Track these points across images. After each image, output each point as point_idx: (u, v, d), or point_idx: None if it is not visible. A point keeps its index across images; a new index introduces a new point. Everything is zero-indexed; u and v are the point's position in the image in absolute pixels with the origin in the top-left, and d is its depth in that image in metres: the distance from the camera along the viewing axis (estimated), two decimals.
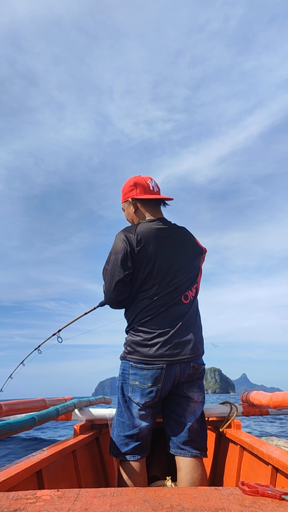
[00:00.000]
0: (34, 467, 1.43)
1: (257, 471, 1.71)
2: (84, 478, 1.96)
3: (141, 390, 1.79)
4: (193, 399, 1.85)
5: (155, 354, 1.77)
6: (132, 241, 1.85)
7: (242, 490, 0.89)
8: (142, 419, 1.81)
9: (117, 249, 1.87)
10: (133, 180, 2.04)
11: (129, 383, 1.82)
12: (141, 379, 1.79)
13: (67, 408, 1.90)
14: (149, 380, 1.78)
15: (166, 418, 1.90)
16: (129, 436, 1.80)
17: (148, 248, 1.85)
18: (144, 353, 1.79)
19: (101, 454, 2.34)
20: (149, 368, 1.78)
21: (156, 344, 1.78)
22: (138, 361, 1.80)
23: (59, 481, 1.69)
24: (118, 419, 1.86)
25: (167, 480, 1.96)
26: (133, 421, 1.81)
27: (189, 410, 1.84)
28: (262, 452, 1.61)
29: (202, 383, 1.91)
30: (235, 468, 1.93)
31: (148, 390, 1.78)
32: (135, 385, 1.80)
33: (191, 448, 1.82)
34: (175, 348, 1.79)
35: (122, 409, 1.84)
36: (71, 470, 1.88)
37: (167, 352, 1.77)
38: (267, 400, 1.94)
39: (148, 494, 0.87)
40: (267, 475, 1.58)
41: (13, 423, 1.26)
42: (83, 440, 2.02)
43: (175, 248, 1.91)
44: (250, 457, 1.81)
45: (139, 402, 1.79)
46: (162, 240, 1.89)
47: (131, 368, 1.82)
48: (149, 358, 1.78)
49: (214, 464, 2.26)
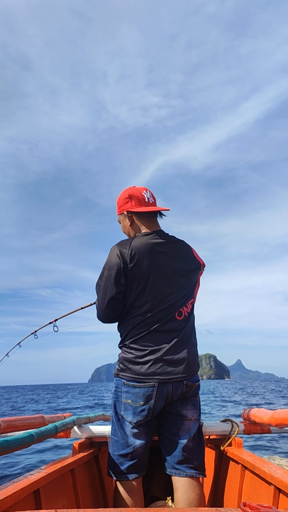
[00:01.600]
0: (32, 486, 1.40)
1: (259, 491, 1.68)
2: (82, 497, 1.92)
3: (133, 408, 1.76)
4: (187, 417, 1.81)
5: (146, 372, 1.74)
6: (126, 257, 1.81)
7: (243, 511, 0.87)
8: (136, 437, 1.77)
9: (110, 264, 1.83)
10: (128, 192, 1.99)
11: (122, 401, 1.79)
12: (133, 397, 1.76)
13: (66, 425, 1.88)
14: (141, 399, 1.74)
15: (161, 437, 1.87)
16: (123, 455, 1.77)
17: (142, 264, 1.81)
18: (136, 371, 1.76)
19: (100, 473, 2.30)
20: (140, 386, 1.74)
21: (148, 362, 1.75)
22: (130, 379, 1.77)
23: (57, 501, 1.66)
24: (112, 438, 1.83)
25: (167, 501, 1.92)
26: (127, 439, 1.77)
27: (183, 429, 1.80)
28: (264, 472, 1.58)
29: (197, 400, 1.87)
30: (236, 488, 1.89)
31: (140, 408, 1.75)
32: (127, 404, 1.77)
33: (186, 468, 1.78)
34: (167, 366, 1.75)
35: (116, 428, 1.81)
36: (69, 489, 1.84)
37: (159, 370, 1.74)
38: (268, 417, 1.92)
39: None
40: (269, 495, 1.54)
41: (11, 441, 1.25)
42: (82, 458, 1.99)
43: (171, 264, 1.87)
44: (252, 477, 1.77)
45: (131, 420, 1.76)
46: (158, 256, 1.85)
47: (124, 386, 1.79)
48: (141, 376, 1.74)
49: (215, 483, 2.22)
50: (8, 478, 4.96)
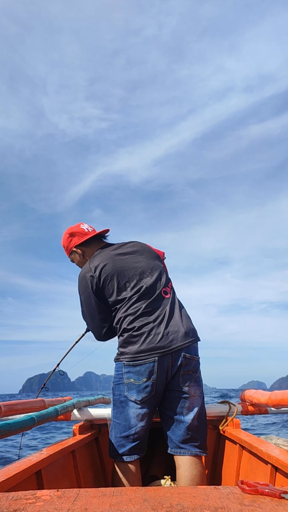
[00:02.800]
0: (34, 467, 1.43)
1: (256, 470, 1.71)
2: (83, 478, 1.96)
3: (137, 386, 1.80)
4: (190, 394, 1.84)
5: (146, 348, 1.80)
6: (91, 273, 1.97)
7: (241, 489, 0.89)
8: (138, 419, 1.81)
9: (82, 288, 2.00)
10: (67, 232, 2.18)
11: (124, 382, 1.83)
12: (135, 375, 1.80)
13: (66, 408, 1.90)
14: (143, 375, 1.79)
15: (164, 417, 1.90)
16: (125, 437, 1.81)
17: (107, 269, 1.95)
18: (135, 350, 1.81)
19: (101, 454, 2.34)
20: (141, 363, 1.80)
21: (146, 339, 1.81)
22: (130, 359, 1.82)
23: (58, 481, 1.69)
24: (114, 421, 1.87)
25: (166, 480, 1.96)
26: (129, 421, 1.81)
27: (187, 406, 1.84)
28: (262, 451, 1.61)
29: (199, 377, 1.91)
30: (234, 467, 1.93)
31: (144, 385, 1.79)
32: (130, 383, 1.82)
33: (190, 447, 1.82)
34: (165, 339, 1.81)
35: (118, 410, 1.85)
36: (70, 470, 1.88)
37: (158, 344, 1.80)
38: (266, 399, 1.95)
39: (148, 494, 0.87)
40: (266, 474, 1.58)
41: (12, 424, 1.26)
42: (82, 440, 2.02)
43: (131, 257, 2.03)
44: (249, 456, 1.81)
45: (136, 399, 1.80)
46: (116, 256, 2.01)
47: (124, 367, 1.84)
48: (141, 353, 1.80)
49: (214, 463, 2.26)
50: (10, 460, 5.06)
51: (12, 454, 5.46)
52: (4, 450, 5.74)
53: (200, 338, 1.95)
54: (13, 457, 5.21)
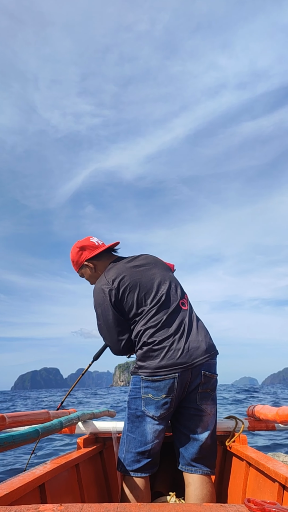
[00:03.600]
0: (37, 481, 1.41)
1: (263, 487, 1.68)
2: (87, 492, 1.93)
3: (155, 402, 1.76)
4: (206, 412, 1.82)
5: (166, 364, 1.75)
6: (109, 285, 1.92)
7: (248, 507, 0.87)
8: (155, 435, 1.77)
9: (99, 301, 1.94)
10: (77, 246, 2.12)
11: (142, 396, 1.79)
12: (154, 391, 1.76)
13: (71, 421, 1.89)
14: (163, 391, 1.75)
15: (177, 433, 1.87)
16: (141, 452, 1.77)
17: (125, 281, 1.91)
18: (155, 365, 1.76)
19: (105, 468, 2.31)
20: (161, 379, 1.75)
21: (167, 354, 1.76)
22: (150, 374, 1.77)
23: (62, 496, 1.67)
24: (129, 435, 1.82)
25: (171, 496, 1.93)
26: (146, 437, 1.77)
27: (202, 425, 1.81)
28: (269, 468, 1.58)
29: (215, 395, 1.89)
30: (240, 484, 1.90)
31: (163, 401, 1.75)
32: (148, 398, 1.77)
33: (202, 466, 1.79)
34: (185, 354, 1.77)
35: (134, 425, 1.81)
36: (74, 484, 1.85)
37: (178, 360, 1.75)
38: (273, 414, 1.92)
39: (153, 510, 0.86)
40: (273, 492, 1.54)
41: (16, 436, 1.26)
42: (86, 453, 2.00)
43: (146, 269, 1.99)
44: (256, 473, 1.77)
45: (154, 415, 1.76)
46: (132, 268, 1.98)
47: (142, 382, 1.79)
48: (161, 369, 1.75)
49: (220, 480, 2.22)
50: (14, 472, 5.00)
51: (21, 465, 5.41)
52: (13, 461, 5.69)
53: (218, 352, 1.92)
54: (22, 467, 5.16)
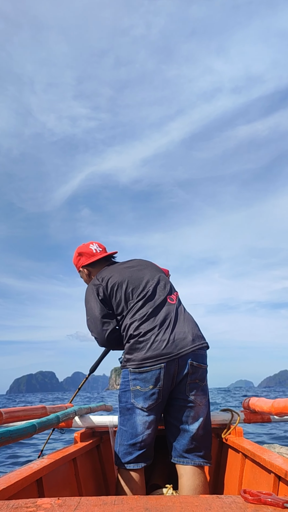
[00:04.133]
0: (34, 475, 1.42)
1: (259, 479, 1.69)
2: (84, 486, 1.95)
3: (143, 393, 1.79)
4: (196, 403, 1.83)
5: (152, 355, 1.79)
6: (98, 281, 2.04)
7: (244, 498, 0.88)
8: (145, 426, 1.80)
9: (87, 298, 2.04)
10: (77, 251, 2.27)
11: (130, 389, 1.82)
12: (141, 382, 1.79)
13: (67, 415, 1.89)
14: (150, 382, 1.78)
15: (168, 425, 1.89)
16: (132, 444, 1.80)
17: (113, 278, 2.02)
18: (141, 357, 1.80)
19: (102, 462, 2.32)
20: (147, 370, 1.79)
21: (152, 345, 1.80)
22: (136, 366, 1.81)
23: (59, 489, 1.68)
24: (121, 428, 1.86)
25: (168, 489, 1.94)
26: (136, 429, 1.80)
27: (192, 416, 1.82)
28: (265, 460, 1.60)
29: (206, 386, 1.90)
30: (237, 476, 1.92)
31: (150, 392, 1.78)
32: (136, 390, 1.81)
33: (194, 456, 1.81)
34: (171, 344, 1.80)
35: (125, 418, 1.84)
36: (71, 478, 1.86)
37: (163, 350, 1.79)
38: (269, 407, 1.93)
39: (150, 503, 0.87)
40: (269, 483, 1.56)
41: (13, 431, 1.26)
42: (83, 448, 2.01)
43: (137, 269, 2.09)
44: (252, 465, 1.79)
45: (142, 406, 1.79)
46: (123, 269, 2.09)
47: (131, 374, 1.83)
48: (147, 360, 1.79)
49: (216, 471, 2.24)
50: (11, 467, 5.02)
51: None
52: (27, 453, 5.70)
53: (209, 346, 1.93)
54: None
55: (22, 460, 5.45)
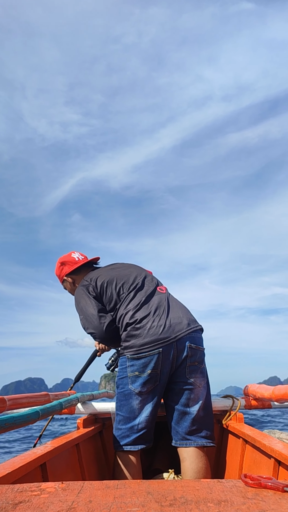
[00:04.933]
0: (39, 460, 1.44)
1: (259, 463, 1.72)
2: (87, 471, 1.98)
3: (141, 378, 1.81)
4: (195, 385, 1.85)
5: (150, 340, 1.81)
6: (86, 283, 2.08)
7: (244, 483, 0.90)
8: (142, 410, 1.83)
9: (78, 299, 2.07)
10: (59, 261, 2.29)
11: (128, 375, 1.85)
12: (140, 368, 1.82)
13: (70, 402, 1.91)
14: (148, 367, 1.81)
15: (169, 409, 1.91)
16: (129, 428, 1.83)
17: (102, 277, 2.07)
18: (139, 343, 1.82)
19: (105, 448, 2.36)
20: (146, 355, 1.81)
21: (150, 330, 1.83)
22: (135, 352, 1.83)
23: (63, 474, 1.70)
24: (118, 414, 1.89)
25: (170, 473, 1.98)
26: (134, 413, 1.83)
27: (192, 398, 1.85)
28: (265, 445, 1.62)
29: (205, 368, 1.93)
30: (237, 460, 1.94)
31: (148, 376, 1.81)
32: (134, 376, 1.83)
33: (196, 438, 1.83)
34: (168, 328, 1.83)
35: (121, 403, 1.87)
36: (75, 463, 1.89)
37: (161, 335, 1.81)
38: (269, 393, 1.95)
39: (152, 486, 0.88)
40: (269, 467, 1.58)
41: (16, 417, 1.27)
42: (86, 433, 2.03)
43: (123, 268, 2.16)
44: (252, 450, 1.81)
45: (140, 390, 1.82)
46: (108, 270, 2.15)
47: (128, 361, 1.85)
48: (145, 346, 1.81)
49: (217, 456, 2.27)
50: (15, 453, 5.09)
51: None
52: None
53: (203, 329, 1.98)
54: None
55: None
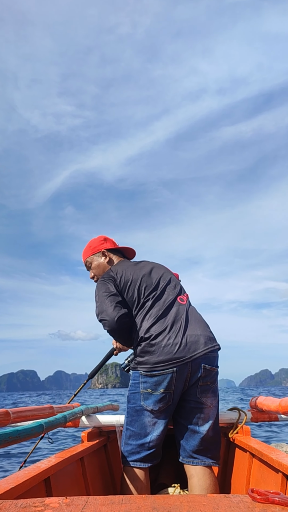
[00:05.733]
0: (42, 475, 1.43)
1: (267, 478, 1.69)
2: (92, 485, 1.95)
3: (154, 396, 1.78)
4: (206, 405, 1.83)
5: (164, 359, 1.77)
6: (111, 275, 2.03)
7: (252, 498, 0.88)
8: (154, 428, 1.80)
9: (101, 286, 2.00)
10: (103, 236, 2.28)
11: (140, 391, 1.81)
12: (153, 386, 1.78)
13: (74, 415, 1.90)
14: (161, 386, 1.77)
15: (178, 426, 1.88)
16: (140, 445, 1.80)
17: (127, 274, 2.01)
18: (153, 361, 1.78)
19: (109, 461, 2.33)
20: (159, 374, 1.77)
21: (164, 348, 1.78)
22: (148, 369, 1.79)
23: (67, 489, 1.68)
24: (129, 429, 1.85)
25: (175, 488, 1.94)
26: (145, 430, 1.80)
27: (203, 417, 1.82)
28: (272, 459, 1.59)
29: (217, 387, 1.90)
30: (244, 475, 1.91)
31: (161, 396, 1.77)
32: (146, 393, 1.80)
33: (204, 457, 1.81)
34: (183, 348, 1.78)
35: (133, 419, 1.83)
36: (79, 477, 1.87)
37: (175, 354, 1.77)
38: (276, 406, 1.92)
39: (157, 502, 0.87)
40: (277, 482, 1.56)
41: (21, 430, 1.26)
42: (91, 447, 2.01)
43: (150, 268, 2.10)
44: (259, 464, 1.78)
45: (152, 409, 1.78)
46: (136, 267, 2.09)
47: (141, 377, 1.82)
48: (159, 364, 1.77)
49: (223, 471, 2.24)
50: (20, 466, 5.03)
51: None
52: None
53: (220, 346, 1.91)
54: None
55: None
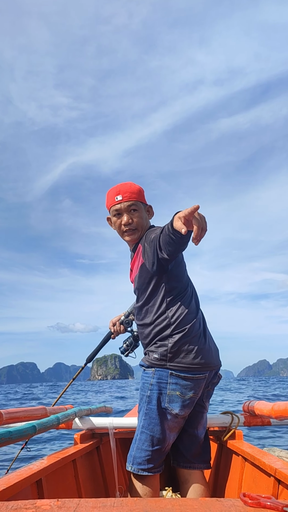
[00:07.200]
0: (34, 477, 1.42)
1: (259, 482, 1.69)
2: (84, 488, 1.94)
3: (182, 400, 1.68)
4: (205, 409, 1.84)
5: (200, 362, 1.69)
6: None
7: (243, 502, 0.88)
8: (174, 433, 1.74)
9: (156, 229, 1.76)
10: (139, 187, 1.93)
11: (167, 393, 1.69)
12: (183, 389, 1.68)
13: (67, 416, 1.89)
14: (192, 391, 1.69)
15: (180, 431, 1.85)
16: (157, 450, 1.70)
17: None
18: (189, 361, 1.67)
19: (102, 464, 2.32)
20: (193, 378, 1.68)
21: (201, 352, 1.70)
22: (183, 369, 1.67)
23: (59, 491, 1.68)
24: (145, 432, 1.71)
25: (167, 491, 1.94)
26: (165, 435, 1.70)
27: (201, 422, 1.83)
28: (264, 463, 1.59)
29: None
30: (236, 479, 1.91)
31: (189, 400, 1.70)
32: (174, 395, 1.68)
33: (200, 462, 1.82)
34: (213, 354, 1.77)
35: (153, 422, 1.70)
36: (71, 479, 1.86)
37: (208, 360, 1.72)
38: (268, 410, 1.93)
39: (149, 505, 0.86)
40: (269, 486, 1.56)
41: (13, 432, 1.26)
42: (83, 449, 2.00)
43: None
44: (252, 468, 1.79)
45: (178, 413, 1.68)
46: None
47: (171, 377, 1.68)
48: (195, 366, 1.68)
49: (216, 475, 2.24)
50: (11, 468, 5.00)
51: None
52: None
53: None
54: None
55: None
